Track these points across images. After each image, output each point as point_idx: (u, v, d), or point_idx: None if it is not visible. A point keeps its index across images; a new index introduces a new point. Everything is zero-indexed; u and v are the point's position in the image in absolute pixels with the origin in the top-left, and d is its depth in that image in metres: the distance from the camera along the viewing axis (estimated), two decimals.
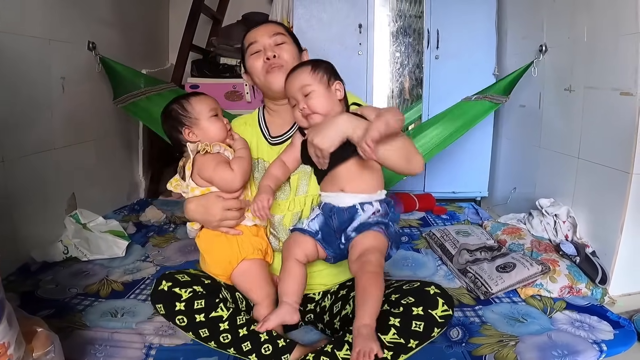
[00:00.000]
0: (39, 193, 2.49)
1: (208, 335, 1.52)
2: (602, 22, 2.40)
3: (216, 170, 1.64)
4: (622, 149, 2.22)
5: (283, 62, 1.75)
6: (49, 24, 2.53)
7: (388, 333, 1.43)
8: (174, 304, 1.50)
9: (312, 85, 1.62)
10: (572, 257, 2.36)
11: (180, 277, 1.56)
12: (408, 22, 3.58)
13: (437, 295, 1.47)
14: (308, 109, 1.61)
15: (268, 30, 1.80)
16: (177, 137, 1.74)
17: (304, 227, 1.64)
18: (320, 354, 1.48)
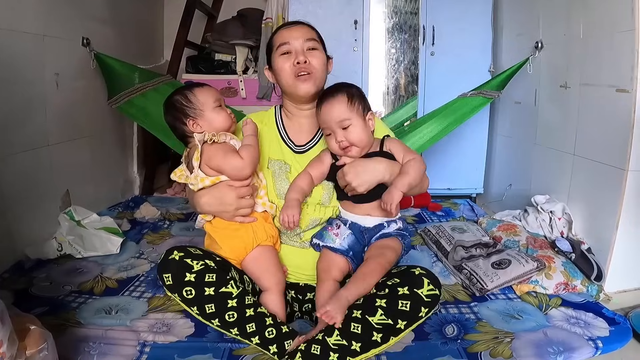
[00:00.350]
0: (32, 190, 2.48)
1: (213, 312, 1.53)
2: (598, 19, 2.40)
3: (226, 158, 1.65)
4: (617, 146, 2.22)
5: (313, 70, 1.77)
6: (43, 20, 2.51)
7: (375, 314, 1.45)
8: (184, 274, 1.51)
9: (351, 119, 1.68)
10: (567, 254, 2.36)
11: (193, 250, 1.58)
12: (404, 18, 3.58)
13: (422, 275, 1.51)
14: (347, 142, 1.68)
15: (302, 33, 1.81)
16: (181, 128, 1.75)
17: (336, 246, 1.74)
18: (312, 342, 1.49)
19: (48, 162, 2.60)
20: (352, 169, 1.68)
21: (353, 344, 1.45)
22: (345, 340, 1.45)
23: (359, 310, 1.48)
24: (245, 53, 3.81)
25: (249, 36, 3.78)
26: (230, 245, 1.70)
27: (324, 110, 1.70)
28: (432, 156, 3.57)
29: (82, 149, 2.97)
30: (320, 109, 1.71)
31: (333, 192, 1.85)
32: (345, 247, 1.74)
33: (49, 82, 2.60)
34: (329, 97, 1.70)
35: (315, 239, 1.80)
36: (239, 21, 3.90)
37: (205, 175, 1.68)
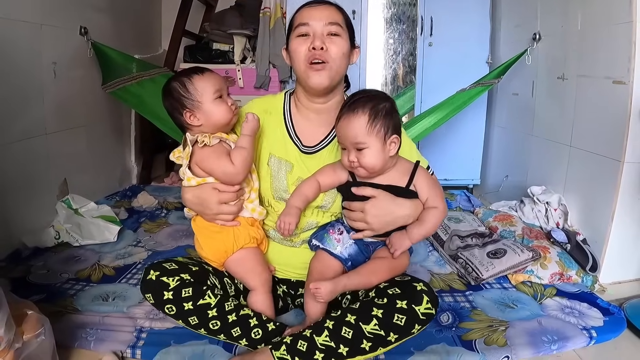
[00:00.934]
0: (30, 179, 2.48)
1: (197, 323, 1.52)
2: (595, 11, 2.40)
3: (218, 163, 1.56)
4: (614, 137, 2.23)
5: (329, 59, 1.59)
6: (40, 9, 2.51)
7: (369, 323, 1.42)
8: (162, 293, 1.49)
9: (367, 143, 1.50)
10: (562, 245, 2.37)
11: (168, 266, 1.55)
12: (402, 9, 3.57)
13: (423, 292, 1.46)
14: (358, 163, 1.52)
15: (325, 15, 1.61)
16: (177, 118, 1.63)
17: (336, 252, 1.64)
18: (299, 338, 1.46)
19: (45, 151, 2.60)
20: (374, 211, 1.55)
21: (341, 347, 1.42)
22: (333, 342, 1.42)
23: (354, 316, 1.44)
24: (243, 42, 3.80)
25: (247, 26, 3.76)
26: (210, 246, 1.65)
27: (341, 124, 1.52)
28: (429, 147, 3.58)
29: (79, 138, 2.97)
30: (339, 121, 1.53)
31: (335, 198, 1.71)
32: (345, 256, 1.64)
33: (46, 71, 2.60)
34: (350, 111, 1.51)
35: (315, 240, 1.69)
36: (236, 11, 3.88)
37: (192, 175, 1.60)
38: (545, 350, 1.71)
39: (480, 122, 3.66)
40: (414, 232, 1.58)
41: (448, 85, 3.15)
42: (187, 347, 1.62)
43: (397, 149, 1.56)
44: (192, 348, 1.61)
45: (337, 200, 1.71)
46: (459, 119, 3.47)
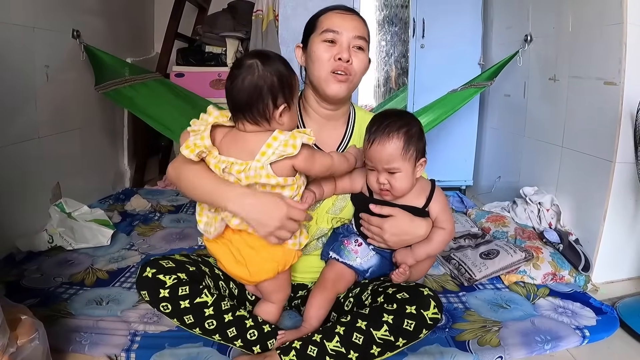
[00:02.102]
0: (23, 182, 2.47)
1: (193, 322, 1.51)
2: (586, 12, 2.41)
3: (322, 159, 1.49)
4: (605, 138, 2.24)
5: (352, 72, 1.59)
6: (32, 12, 2.50)
7: (380, 329, 1.43)
8: (158, 290, 1.48)
9: (401, 167, 1.50)
10: (555, 245, 2.38)
11: (165, 264, 1.54)
12: (394, 11, 3.59)
13: (430, 297, 1.47)
14: (389, 186, 1.52)
15: (354, 26, 1.61)
16: (264, 104, 1.40)
17: (356, 265, 1.65)
18: (309, 343, 1.46)
19: (38, 155, 2.59)
20: (393, 230, 1.55)
21: (351, 353, 1.42)
22: (344, 348, 1.42)
23: (365, 322, 1.45)
24: (236, 45, 3.80)
25: (240, 28, 3.77)
26: (255, 263, 1.50)
27: (375, 148, 1.48)
28: None
29: (72, 142, 2.96)
30: (371, 144, 1.49)
31: (346, 204, 1.71)
32: (364, 268, 1.66)
33: (38, 74, 2.58)
34: (385, 136, 1.47)
35: (333, 252, 1.68)
36: (229, 13, 3.89)
37: (273, 173, 1.40)
38: (538, 350, 1.71)
39: (473, 123, 3.67)
40: (420, 250, 1.59)
41: (440, 87, 3.17)
42: (181, 349, 1.62)
43: (422, 170, 1.59)
44: (187, 351, 1.61)
45: (348, 206, 1.72)
46: (452, 120, 3.48)
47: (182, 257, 1.64)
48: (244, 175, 1.40)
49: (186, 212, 3.17)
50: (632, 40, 2.12)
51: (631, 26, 2.11)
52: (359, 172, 1.66)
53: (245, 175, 1.39)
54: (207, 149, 1.41)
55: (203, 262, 1.67)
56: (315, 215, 1.70)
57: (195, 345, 1.64)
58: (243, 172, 1.40)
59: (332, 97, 1.62)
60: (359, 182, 1.64)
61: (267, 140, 1.39)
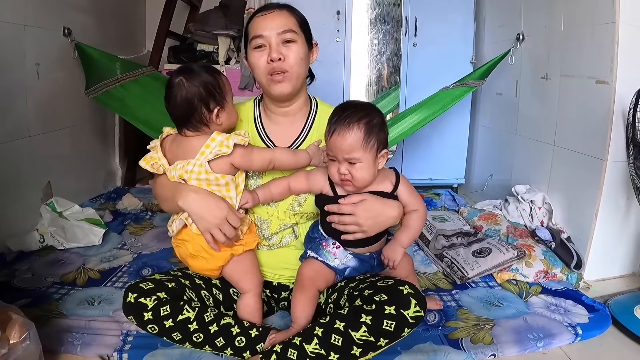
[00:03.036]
0: (14, 181, 2.45)
1: (181, 338, 1.51)
2: (579, 12, 2.42)
3: (261, 154, 1.61)
4: (597, 137, 2.25)
5: (288, 67, 1.62)
6: (23, 10, 2.48)
7: (359, 330, 1.41)
8: (142, 314, 1.48)
9: (361, 158, 1.50)
10: (547, 243, 2.39)
11: (144, 286, 1.52)
12: (386, 9, 3.58)
13: (410, 295, 1.43)
14: (350, 176, 1.52)
15: (277, 24, 1.62)
16: (201, 112, 1.53)
17: (334, 264, 1.65)
18: (288, 347, 1.45)
19: (29, 154, 2.58)
20: (365, 213, 1.55)
21: (331, 355, 1.41)
22: (323, 350, 1.41)
23: (343, 323, 1.43)
24: (228, 43, 3.79)
25: (231, 26, 3.76)
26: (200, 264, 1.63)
27: (335, 138, 1.49)
28: (413, 147, 3.60)
29: (63, 140, 2.95)
30: (331, 135, 1.51)
31: (306, 199, 1.75)
32: (342, 267, 1.65)
33: (29, 73, 2.57)
34: (345, 126, 1.49)
35: (311, 251, 1.67)
36: (221, 11, 3.88)
37: (211, 169, 1.54)
38: (531, 348, 1.72)
39: (465, 121, 3.68)
40: (402, 238, 1.62)
41: (432, 85, 3.16)
42: (174, 349, 1.62)
43: (384, 162, 1.59)
44: (180, 351, 1.61)
45: (308, 200, 1.74)
46: (443, 119, 3.49)
47: (161, 276, 1.62)
48: (186, 172, 1.54)
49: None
50: (624, 39, 2.12)
51: (623, 25, 2.12)
52: (318, 173, 1.66)
53: (186, 170, 1.54)
54: (159, 160, 1.61)
55: (183, 276, 1.65)
56: (275, 211, 1.76)
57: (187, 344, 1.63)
58: (184, 169, 1.54)
59: (278, 97, 1.68)
60: (318, 183, 1.65)
61: (206, 142, 1.53)
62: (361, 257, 1.67)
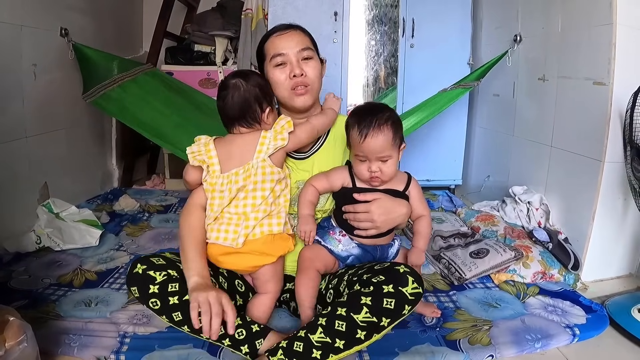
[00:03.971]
0: (10, 183, 2.45)
1: (181, 319, 1.51)
2: (576, 13, 2.43)
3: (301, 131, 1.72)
4: (594, 138, 2.25)
5: (309, 82, 1.75)
6: (20, 10, 2.48)
7: (360, 312, 1.43)
8: (147, 286, 1.49)
9: (392, 155, 1.65)
10: (545, 244, 2.39)
11: (156, 261, 1.55)
12: (384, 10, 3.58)
13: (406, 273, 1.48)
14: (380, 173, 1.65)
15: (296, 42, 1.76)
16: (255, 109, 1.66)
17: (337, 251, 1.74)
18: (294, 340, 1.46)
19: (26, 155, 2.57)
20: (380, 210, 1.67)
21: (337, 342, 1.43)
22: (328, 338, 1.43)
23: (344, 308, 1.46)
24: (225, 44, 3.79)
25: (229, 27, 3.76)
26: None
27: (368, 141, 1.61)
28: (411, 148, 3.59)
29: (60, 141, 2.94)
30: (364, 138, 1.61)
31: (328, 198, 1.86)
32: (344, 255, 1.74)
33: (26, 73, 2.56)
34: (376, 129, 1.60)
35: (317, 237, 1.77)
36: (218, 12, 3.87)
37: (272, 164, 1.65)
38: (529, 349, 1.72)
39: (462, 122, 3.68)
40: (420, 244, 1.78)
41: (430, 86, 3.16)
42: (171, 351, 1.61)
43: (402, 154, 1.73)
44: (177, 352, 1.60)
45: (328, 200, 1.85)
46: (441, 120, 3.50)
47: (172, 255, 1.65)
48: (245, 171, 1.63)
49: (175, 212, 3.16)
50: (621, 41, 2.13)
51: (620, 27, 2.12)
52: (336, 172, 1.78)
53: (246, 170, 1.63)
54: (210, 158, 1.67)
55: None
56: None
57: (185, 346, 1.63)
58: (244, 172, 1.63)
59: (301, 108, 1.79)
60: (337, 180, 1.75)
61: (259, 140, 1.65)
62: (365, 247, 1.74)
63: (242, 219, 1.61)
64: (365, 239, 1.73)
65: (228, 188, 1.63)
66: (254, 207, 1.61)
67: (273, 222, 1.64)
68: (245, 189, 1.62)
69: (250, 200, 1.62)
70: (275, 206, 1.66)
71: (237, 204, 1.62)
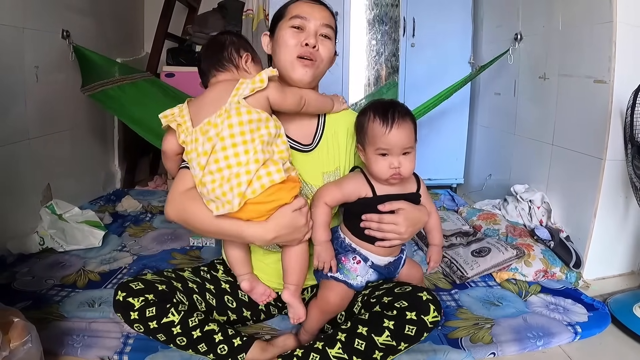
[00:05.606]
0: (13, 184, 2.46)
1: (165, 339, 1.51)
2: (576, 11, 2.43)
3: (289, 90, 1.57)
4: (595, 136, 2.26)
5: (318, 59, 1.62)
6: (22, 12, 2.48)
7: (382, 335, 1.42)
8: (129, 313, 1.48)
9: (414, 146, 1.57)
10: (546, 242, 2.39)
11: (134, 286, 1.51)
12: (384, 10, 3.58)
13: (429, 301, 1.45)
14: (402, 169, 1.53)
15: (323, 15, 1.64)
16: (230, 51, 1.58)
17: (356, 283, 1.63)
18: (310, 351, 1.46)
19: (28, 156, 2.58)
20: (407, 222, 1.57)
21: (354, 359, 1.42)
22: (346, 355, 1.43)
23: (366, 327, 1.44)
24: None
25: (230, 28, 3.76)
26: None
27: (394, 133, 1.51)
28: None
29: (62, 143, 2.95)
30: (390, 130, 1.51)
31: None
32: (363, 284, 1.64)
33: (28, 75, 2.57)
34: (400, 120, 1.52)
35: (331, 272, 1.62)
36: (219, 13, 3.88)
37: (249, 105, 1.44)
38: (530, 347, 1.73)
39: (463, 121, 3.68)
40: (438, 240, 1.73)
41: (431, 85, 3.17)
42: (174, 352, 1.61)
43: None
44: (180, 353, 1.60)
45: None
46: (442, 119, 3.50)
47: (153, 276, 1.61)
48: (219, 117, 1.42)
49: None
50: (622, 39, 2.13)
51: (621, 25, 2.12)
52: (350, 180, 1.63)
53: (219, 115, 1.42)
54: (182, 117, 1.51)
55: (176, 278, 1.65)
56: None
57: None
58: (217, 119, 1.42)
59: (297, 82, 1.62)
60: (353, 189, 1.60)
61: (236, 85, 1.46)
62: (380, 270, 1.66)
63: (226, 175, 1.40)
64: (381, 248, 1.62)
65: (202, 141, 1.43)
66: (237, 156, 1.39)
67: (272, 171, 1.42)
68: (221, 136, 1.40)
69: (230, 150, 1.39)
70: (268, 154, 1.44)
71: (216, 158, 1.40)
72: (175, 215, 1.52)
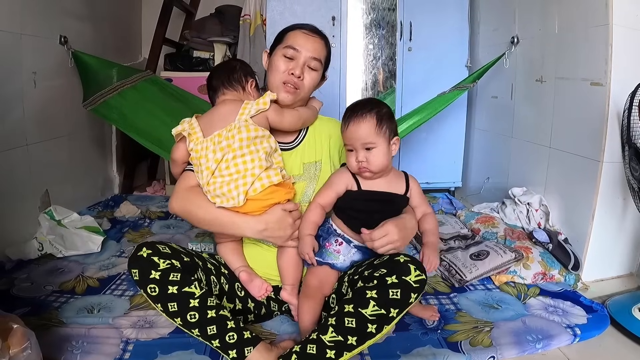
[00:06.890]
0: (12, 190, 2.45)
1: (176, 310, 1.50)
2: (573, 14, 2.44)
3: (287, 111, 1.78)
4: (592, 138, 2.26)
5: (301, 87, 1.79)
6: (20, 18, 2.49)
7: (368, 306, 1.44)
8: (149, 271, 1.49)
9: (376, 143, 1.62)
10: (544, 245, 2.40)
11: (161, 248, 1.55)
12: (381, 14, 3.58)
13: (407, 262, 1.49)
14: (367, 163, 1.62)
15: (314, 48, 1.80)
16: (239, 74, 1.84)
17: (339, 264, 1.71)
18: (307, 343, 1.48)
19: (27, 162, 2.58)
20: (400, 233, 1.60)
21: (349, 339, 1.44)
22: (340, 336, 1.44)
23: (351, 304, 1.47)
24: (224, 50, 3.81)
25: (227, 33, 3.78)
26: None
27: (350, 128, 1.63)
28: (410, 151, 3.60)
29: (60, 149, 2.95)
30: (347, 126, 1.64)
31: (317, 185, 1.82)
32: (348, 264, 1.71)
33: (26, 81, 2.57)
34: (358, 116, 1.63)
35: (316, 256, 1.71)
36: (217, 18, 3.89)
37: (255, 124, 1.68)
38: (530, 350, 1.73)
39: (461, 125, 3.69)
40: (433, 241, 1.74)
41: (428, 89, 3.18)
42: (173, 357, 1.62)
43: (396, 149, 1.70)
44: (179, 358, 1.61)
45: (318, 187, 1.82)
46: (440, 123, 3.51)
47: (178, 246, 1.66)
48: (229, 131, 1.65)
49: (176, 218, 3.16)
50: (618, 41, 2.14)
51: (617, 27, 2.13)
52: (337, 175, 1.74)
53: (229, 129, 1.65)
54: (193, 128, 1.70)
55: (197, 256, 1.71)
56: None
57: (187, 352, 1.65)
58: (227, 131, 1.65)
59: (280, 102, 1.79)
60: (341, 183, 1.71)
61: (242, 106, 1.71)
62: (364, 250, 1.71)
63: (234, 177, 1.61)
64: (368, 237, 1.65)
65: (212, 149, 1.64)
66: (245, 163, 1.62)
67: (271, 174, 1.64)
68: (232, 148, 1.63)
69: (240, 159, 1.62)
70: (269, 162, 1.67)
71: (227, 166, 1.62)
72: (179, 207, 1.71)
